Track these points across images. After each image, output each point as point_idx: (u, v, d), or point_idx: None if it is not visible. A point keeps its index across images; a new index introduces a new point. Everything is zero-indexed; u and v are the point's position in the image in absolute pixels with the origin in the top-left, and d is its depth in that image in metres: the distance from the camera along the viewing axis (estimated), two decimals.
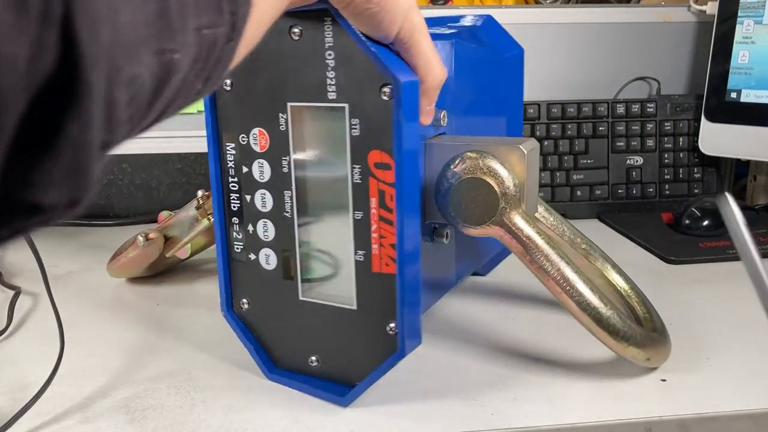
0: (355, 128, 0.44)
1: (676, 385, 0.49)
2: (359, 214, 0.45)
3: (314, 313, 0.49)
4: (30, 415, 0.46)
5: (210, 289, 0.70)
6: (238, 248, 0.51)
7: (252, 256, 0.51)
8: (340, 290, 0.48)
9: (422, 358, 0.54)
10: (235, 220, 0.51)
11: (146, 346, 0.58)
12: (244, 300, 0.52)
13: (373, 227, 0.45)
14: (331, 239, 0.48)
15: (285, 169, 0.48)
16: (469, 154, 0.49)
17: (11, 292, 0.68)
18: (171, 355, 0.56)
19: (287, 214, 0.48)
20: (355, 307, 0.47)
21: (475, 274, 0.71)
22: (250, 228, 0.50)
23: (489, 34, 0.65)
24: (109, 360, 0.55)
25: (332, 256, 0.48)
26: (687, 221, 0.82)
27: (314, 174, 0.47)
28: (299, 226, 0.48)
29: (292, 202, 0.48)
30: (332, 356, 0.49)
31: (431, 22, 0.68)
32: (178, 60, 0.24)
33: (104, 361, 0.55)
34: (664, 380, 0.50)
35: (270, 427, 0.46)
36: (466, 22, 0.66)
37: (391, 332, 0.46)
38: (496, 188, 0.48)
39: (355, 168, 0.45)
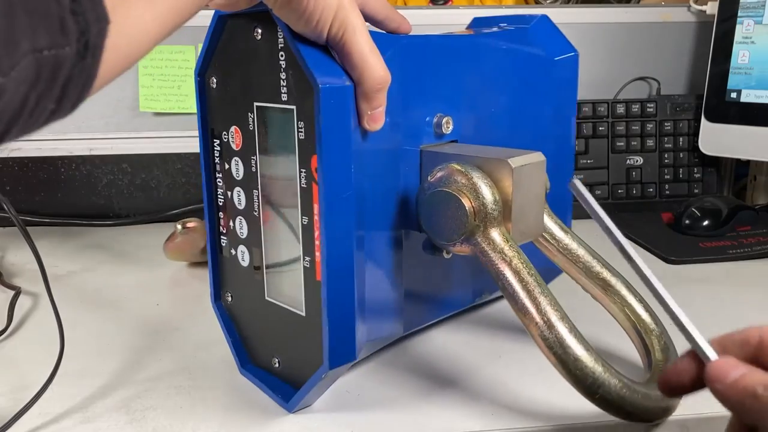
0: (301, 131, 0.43)
1: None
2: (306, 219, 0.44)
3: (276, 314, 0.48)
4: (30, 415, 0.46)
5: None
6: (224, 242, 0.52)
7: (233, 252, 0.51)
8: (294, 295, 0.47)
9: (423, 358, 0.55)
10: (221, 215, 0.51)
11: (146, 346, 0.58)
12: (229, 293, 0.53)
13: (316, 234, 0.44)
14: (290, 242, 0.47)
15: (253, 168, 0.47)
16: (452, 165, 0.45)
17: (11, 292, 0.68)
18: (171, 355, 0.56)
19: (256, 213, 0.48)
20: (304, 314, 0.46)
21: None
22: (231, 224, 0.51)
23: (540, 35, 0.61)
24: (109, 360, 0.55)
25: (290, 259, 0.47)
26: (687, 221, 0.82)
27: (275, 175, 0.47)
28: (264, 225, 0.48)
29: (259, 202, 0.48)
30: (290, 360, 0.49)
31: (480, 22, 0.64)
32: (1, 84, 0.23)
33: (104, 361, 0.55)
34: None
35: (271, 429, 0.46)
36: (517, 22, 0.62)
37: None
38: (467, 204, 0.44)
39: (302, 172, 0.44)
